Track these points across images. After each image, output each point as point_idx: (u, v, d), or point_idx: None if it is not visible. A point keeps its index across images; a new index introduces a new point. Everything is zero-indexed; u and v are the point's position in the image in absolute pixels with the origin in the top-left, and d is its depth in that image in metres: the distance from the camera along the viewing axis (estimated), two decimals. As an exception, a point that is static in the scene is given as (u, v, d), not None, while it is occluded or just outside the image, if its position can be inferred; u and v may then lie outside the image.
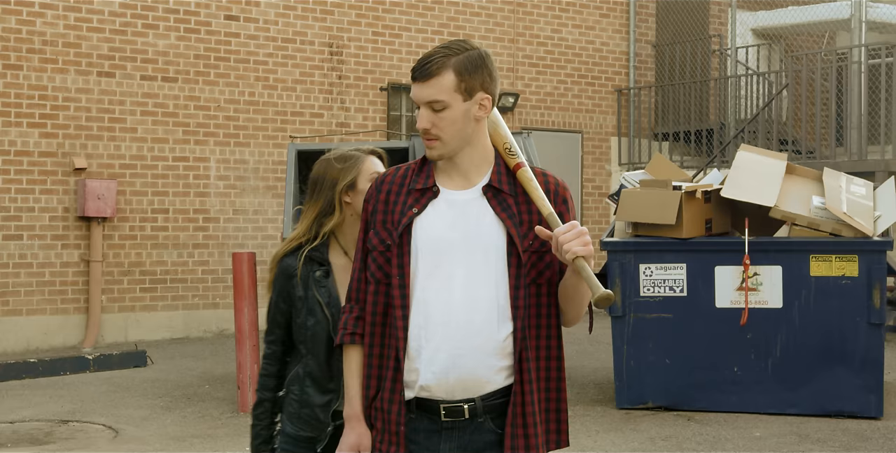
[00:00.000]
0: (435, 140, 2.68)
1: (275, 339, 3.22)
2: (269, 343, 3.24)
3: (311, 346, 3.12)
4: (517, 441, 2.67)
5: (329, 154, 3.27)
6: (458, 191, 2.73)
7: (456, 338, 2.64)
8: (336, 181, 3.18)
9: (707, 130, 14.25)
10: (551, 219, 2.63)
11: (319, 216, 3.18)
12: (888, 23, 13.57)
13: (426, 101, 2.65)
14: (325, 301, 3.10)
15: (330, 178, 3.19)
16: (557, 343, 2.76)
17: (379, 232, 2.75)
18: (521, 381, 2.67)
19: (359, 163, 3.20)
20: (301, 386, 3.13)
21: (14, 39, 10.57)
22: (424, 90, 2.64)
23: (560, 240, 2.55)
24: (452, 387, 2.65)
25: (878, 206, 7.51)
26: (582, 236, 2.54)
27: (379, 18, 12.67)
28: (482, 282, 2.66)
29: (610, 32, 14.55)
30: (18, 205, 10.59)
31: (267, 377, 3.23)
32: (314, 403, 3.11)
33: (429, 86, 2.64)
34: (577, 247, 2.53)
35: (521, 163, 2.73)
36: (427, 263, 2.68)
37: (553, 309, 2.73)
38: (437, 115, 2.65)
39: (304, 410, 3.12)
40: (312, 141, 11.71)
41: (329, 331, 3.07)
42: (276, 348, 3.22)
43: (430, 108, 2.65)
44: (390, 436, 2.70)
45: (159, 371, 9.45)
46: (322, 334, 3.09)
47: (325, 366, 3.09)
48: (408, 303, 2.68)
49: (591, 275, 2.53)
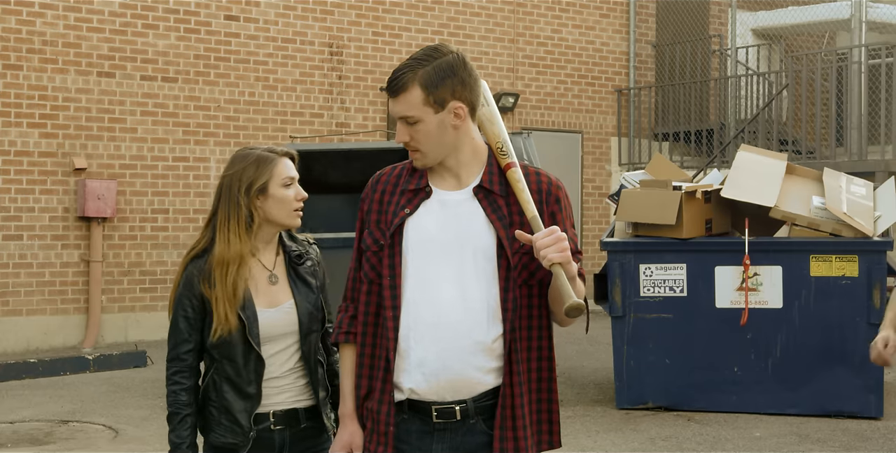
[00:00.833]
0: (416, 151, 2.69)
1: (191, 349, 3.11)
2: (184, 354, 3.13)
3: (224, 351, 3.04)
4: (506, 443, 2.67)
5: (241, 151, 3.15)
6: (450, 191, 2.72)
7: (445, 340, 2.64)
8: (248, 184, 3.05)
9: (707, 130, 14.25)
10: (534, 223, 2.62)
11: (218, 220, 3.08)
12: (888, 23, 13.57)
13: (399, 117, 2.66)
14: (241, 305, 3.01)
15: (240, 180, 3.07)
16: (548, 343, 2.75)
17: (373, 232, 2.76)
18: (510, 383, 2.66)
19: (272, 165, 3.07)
20: (219, 393, 3.07)
21: (14, 39, 10.57)
22: (396, 106, 2.65)
23: (537, 245, 2.53)
24: (442, 389, 2.65)
25: (878, 206, 7.51)
26: (559, 243, 2.52)
27: (379, 18, 12.67)
28: (472, 284, 2.65)
29: (610, 32, 14.55)
30: (18, 205, 10.58)
31: (185, 391, 3.15)
32: (235, 409, 3.04)
33: (398, 102, 2.64)
34: (552, 253, 2.51)
35: (511, 163, 2.72)
36: (418, 264, 2.68)
37: (545, 310, 2.72)
38: (412, 128, 2.66)
39: (223, 416, 3.06)
40: (312, 141, 11.71)
41: (247, 336, 3.00)
42: (192, 359, 3.13)
43: (404, 122, 2.66)
44: (379, 437, 2.71)
45: (159, 371, 9.44)
46: (240, 337, 3.01)
47: (242, 371, 3.02)
48: (398, 303, 2.68)
49: (564, 283, 2.51)
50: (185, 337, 3.10)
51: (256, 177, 3.03)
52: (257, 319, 3.02)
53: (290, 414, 3.07)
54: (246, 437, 3.03)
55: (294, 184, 3.08)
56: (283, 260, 3.12)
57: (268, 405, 3.05)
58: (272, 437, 3.05)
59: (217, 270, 3.00)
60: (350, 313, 2.83)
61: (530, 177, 2.74)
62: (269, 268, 3.09)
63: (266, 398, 3.05)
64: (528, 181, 2.72)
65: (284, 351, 3.06)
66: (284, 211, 3.05)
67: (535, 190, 2.72)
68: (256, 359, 3.01)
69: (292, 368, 3.07)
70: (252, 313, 3.01)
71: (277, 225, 3.08)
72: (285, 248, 3.13)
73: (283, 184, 3.04)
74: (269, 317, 3.04)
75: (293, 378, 3.07)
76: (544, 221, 2.67)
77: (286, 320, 3.05)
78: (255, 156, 3.07)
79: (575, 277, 2.59)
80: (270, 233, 3.10)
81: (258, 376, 3.02)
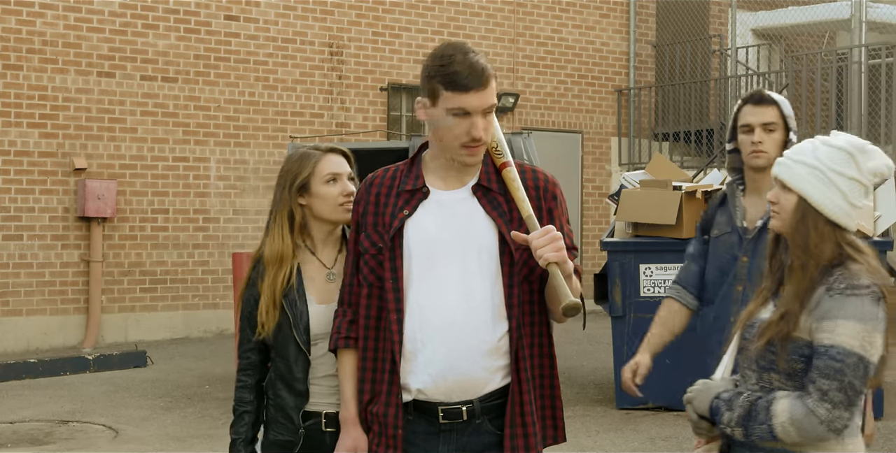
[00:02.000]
0: (483, 145, 2.66)
1: (252, 347, 3.10)
2: (247, 352, 3.11)
3: (277, 348, 3.04)
4: (517, 440, 2.67)
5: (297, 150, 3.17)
6: (447, 191, 2.72)
7: (452, 340, 2.63)
8: (291, 182, 3.08)
9: (707, 130, 14.25)
10: (529, 222, 2.62)
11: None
12: (888, 23, 13.57)
13: (485, 108, 2.61)
14: (290, 301, 3.02)
15: (283, 178, 3.10)
16: (549, 340, 2.76)
17: (370, 235, 2.74)
18: (518, 380, 2.66)
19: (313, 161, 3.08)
20: (275, 390, 3.06)
21: (14, 39, 10.57)
22: (484, 97, 2.60)
23: (533, 245, 2.53)
24: (450, 389, 2.64)
25: (878, 206, 7.50)
26: (554, 242, 2.52)
27: (379, 18, 12.67)
28: (476, 283, 2.65)
29: (610, 32, 14.55)
30: (18, 205, 10.59)
31: (246, 389, 3.12)
32: (288, 406, 3.03)
33: (487, 92, 2.60)
34: (548, 253, 2.51)
35: (506, 163, 2.72)
36: (420, 265, 2.67)
37: (545, 305, 2.73)
38: (486, 121, 2.63)
39: (279, 414, 3.05)
40: (312, 141, 11.70)
41: (293, 331, 3.00)
42: (255, 357, 3.12)
43: (485, 115, 2.62)
44: (388, 439, 2.69)
45: (159, 371, 9.44)
46: (288, 333, 3.02)
47: (293, 367, 3.01)
48: (402, 306, 2.67)
49: (561, 282, 2.51)
50: (247, 336, 3.11)
51: (298, 174, 3.05)
52: (307, 315, 3.00)
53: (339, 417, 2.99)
54: (297, 435, 3.01)
55: (340, 180, 3.06)
56: (344, 257, 3.05)
57: (320, 404, 3.01)
58: (324, 439, 2.99)
59: (267, 268, 3.04)
60: (348, 318, 2.81)
61: (526, 175, 2.74)
62: (329, 265, 3.08)
63: (318, 396, 3.01)
64: (524, 178, 2.72)
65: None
66: (329, 207, 3.04)
67: (531, 186, 2.72)
68: (303, 355, 3.00)
69: None
70: (301, 310, 3.01)
71: (326, 221, 3.07)
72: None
73: (326, 180, 3.04)
74: (322, 313, 3.00)
75: None
76: (542, 218, 2.67)
77: None
78: (298, 155, 3.10)
79: (571, 275, 2.59)
80: (324, 229, 3.09)
81: (305, 372, 3.00)
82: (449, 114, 2.61)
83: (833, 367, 2.43)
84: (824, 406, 2.42)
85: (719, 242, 3.76)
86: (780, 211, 2.59)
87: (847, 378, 2.42)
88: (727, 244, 3.72)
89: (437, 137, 2.68)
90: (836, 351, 2.43)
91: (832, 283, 2.48)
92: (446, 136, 2.64)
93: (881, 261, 6.98)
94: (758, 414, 2.49)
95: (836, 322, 2.44)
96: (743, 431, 2.52)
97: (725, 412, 2.56)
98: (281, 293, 3.01)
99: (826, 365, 2.43)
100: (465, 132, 2.61)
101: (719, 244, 3.76)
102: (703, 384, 2.69)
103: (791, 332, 2.49)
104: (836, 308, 2.45)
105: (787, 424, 2.45)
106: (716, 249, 3.77)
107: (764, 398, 2.52)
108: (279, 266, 3.03)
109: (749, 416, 2.51)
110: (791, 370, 2.50)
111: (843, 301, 2.45)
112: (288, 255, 3.03)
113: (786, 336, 2.49)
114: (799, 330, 2.49)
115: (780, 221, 2.60)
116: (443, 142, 2.66)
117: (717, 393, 2.62)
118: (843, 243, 2.55)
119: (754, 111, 3.67)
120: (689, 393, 2.71)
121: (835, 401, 2.42)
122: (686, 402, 2.70)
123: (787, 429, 2.45)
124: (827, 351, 2.44)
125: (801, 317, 2.49)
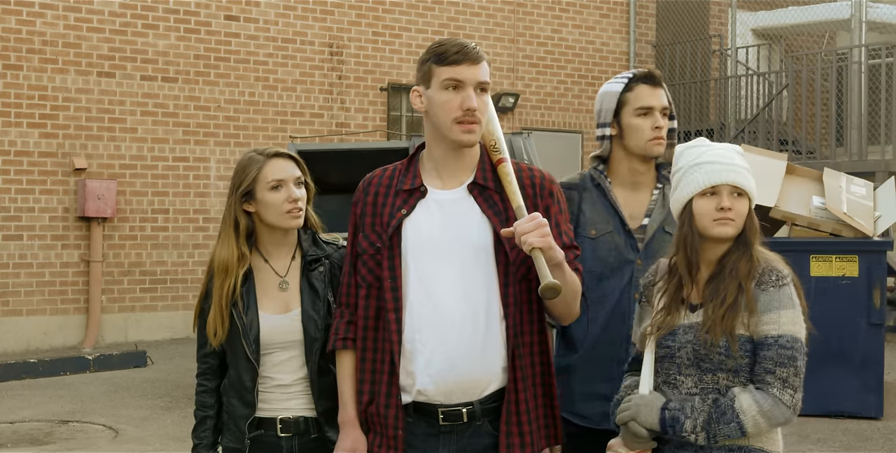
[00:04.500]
0: (477, 123, 2.65)
1: (209, 353, 3.07)
2: (205, 357, 3.08)
3: (229, 356, 3.02)
4: (512, 439, 2.66)
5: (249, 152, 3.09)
6: (445, 190, 2.71)
7: (452, 340, 2.62)
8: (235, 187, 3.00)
9: (707, 130, 14.24)
10: (518, 213, 2.61)
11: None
12: (888, 23, 13.57)
13: (477, 81, 2.63)
14: (240, 311, 2.97)
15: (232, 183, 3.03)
16: (546, 338, 2.76)
17: (368, 235, 2.73)
18: (514, 379, 2.65)
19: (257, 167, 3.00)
20: (227, 397, 3.04)
21: (14, 39, 10.57)
22: (476, 71, 2.63)
23: (518, 231, 2.52)
24: (451, 390, 2.63)
25: (878, 206, 7.51)
26: (540, 228, 2.51)
27: (379, 18, 12.67)
28: (474, 282, 2.64)
29: (610, 32, 14.55)
30: (18, 205, 10.58)
31: (207, 393, 3.10)
32: (237, 414, 3.00)
33: (480, 67, 2.63)
34: (533, 238, 2.49)
35: (502, 159, 2.71)
36: (419, 265, 2.66)
37: (541, 304, 2.72)
38: (480, 98, 2.64)
39: (230, 421, 3.03)
40: (312, 141, 11.70)
41: (242, 342, 2.96)
42: (213, 362, 3.09)
43: (477, 89, 2.64)
44: (388, 440, 2.68)
45: (159, 371, 9.44)
46: (238, 342, 2.98)
47: (242, 376, 2.98)
48: (401, 305, 2.66)
49: (543, 265, 2.50)
50: (203, 341, 3.07)
51: (242, 181, 2.98)
52: (257, 325, 2.96)
53: (297, 422, 2.98)
54: (243, 443, 2.99)
55: (285, 185, 2.97)
56: (298, 265, 3.03)
57: (274, 411, 2.99)
58: (279, 444, 2.98)
59: (215, 276, 2.99)
60: (346, 319, 2.80)
61: (523, 173, 2.74)
62: (281, 273, 3.02)
63: (272, 403, 2.99)
64: (521, 176, 2.72)
65: (296, 359, 2.97)
66: (274, 213, 2.96)
67: (528, 184, 2.71)
68: (251, 365, 2.96)
69: (305, 377, 2.97)
70: (252, 319, 2.96)
71: (276, 228, 3.00)
72: (304, 253, 3.04)
73: (270, 186, 2.96)
74: (274, 323, 2.97)
75: (304, 386, 2.98)
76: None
77: (293, 327, 2.96)
78: (244, 160, 3.02)
79: (561, 264, 2.57)
80: (275, 236, 3.02)
81: (253, 382, 2.96)
82: (442, 88, 2.61)
83: (786, 355, 2.56)
84: (788, 392, 2.55)
85: (600, 243, 3.17)
86: (736, 217, 2.66)
87: (798, 362, 2.57)
88: (610, 245, 3.16)
89: (433, 121, 2.66)
90: (786, 340, 2.57)
91: (761, 277, 2.61)
92: (440, 113, 2.63)
93: (881, 262, 6.99)
94: (723, 413, 2.56)
95: (780, 312, 2.58)
96: (706, 435, 2.57)
97: (686, 420, 2.58)
98: (228, 302, 2.96)
99: (779, 355, 2.56)
100: (458, 106, 2.60)
101: (600, 245, 3.17)
102: (639, 399, 2.67)
103: (735, 330, 2.58)
104: (774, 300, 2.59)
105: (759, 416, 2.54)
106: (596, 251, 3.16)
107: (722, 398, 2.58)
108: (225, 274, 2.97)
109: (713, 418, 2.56)
110: (737, 366, 2.59)
111: (778, 293, 2.60)
112: (233, 264, 2.96)
113: (732, 333, 2.58)
114: (738, 326, 2.60)
115: (735, 228, 2.67)
116: (438, 121, 2.64)
117: (663, 404, 2.62)
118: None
119: (653, 93, 3.18)
120: (625, 412, 2.67)
121: (794, 386, 2.56)
122: (626, 420, 2.66)
123: (758, 421, 2.55)
124: (777, 340, 2.56)
125: (741, 313, 2.60)
